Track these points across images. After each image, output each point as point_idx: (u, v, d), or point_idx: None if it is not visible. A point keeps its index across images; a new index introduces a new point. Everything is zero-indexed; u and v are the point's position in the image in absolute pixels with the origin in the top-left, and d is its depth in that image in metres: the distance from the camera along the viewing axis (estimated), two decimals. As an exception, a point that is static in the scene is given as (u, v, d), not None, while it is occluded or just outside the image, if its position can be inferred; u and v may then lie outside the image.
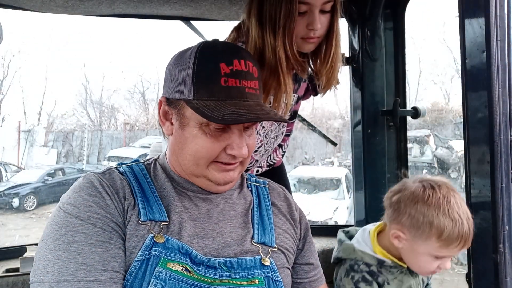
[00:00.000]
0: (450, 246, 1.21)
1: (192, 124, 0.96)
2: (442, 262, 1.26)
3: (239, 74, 0.95)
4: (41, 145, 20.48)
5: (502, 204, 1.06)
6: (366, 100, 2.06)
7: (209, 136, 0.96)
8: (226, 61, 0.95)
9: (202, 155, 0.97)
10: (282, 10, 1.31)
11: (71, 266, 0.84)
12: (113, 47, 29.28)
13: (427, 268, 1.28)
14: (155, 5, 1.94)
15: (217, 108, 0.92)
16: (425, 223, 1.21)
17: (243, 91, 0.95)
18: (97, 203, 0.92)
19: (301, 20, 1.35)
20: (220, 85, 0.93)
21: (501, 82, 1.05)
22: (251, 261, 1.00)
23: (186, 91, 0.95)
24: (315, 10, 1.33)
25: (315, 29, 1.35)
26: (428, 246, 1.23)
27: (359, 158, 2.09)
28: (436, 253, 1.24)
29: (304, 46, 1.41)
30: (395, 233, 1.29)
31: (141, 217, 0.94)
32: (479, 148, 1.14)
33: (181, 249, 0.93)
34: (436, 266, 1.26)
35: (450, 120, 14.04)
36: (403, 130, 2.06)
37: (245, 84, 0.96)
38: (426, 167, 9.64)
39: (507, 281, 1.07)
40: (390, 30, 2.05)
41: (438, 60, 21.57)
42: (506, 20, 1.05)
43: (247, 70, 0.97)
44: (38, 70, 31.19)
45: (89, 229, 0.88)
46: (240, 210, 1.08)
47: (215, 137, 0.96)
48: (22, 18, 26.12)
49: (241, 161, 1.02)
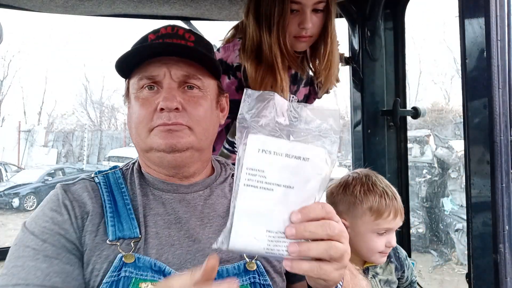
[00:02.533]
0: (382, 217, 1.34)
1: (131, 97, 0.97)
2: (387, 239, 1.37)
3: (165, 36, 0.97)
4: (41, 145, 20.48)
5: (502, 204, 1.06)
6: (366, 100, 2.06)
7: (141, 100, 0.94)
8: (155, 30, 0.99)
9: (140, 120, 0.93)
10: (276, 8, 1.37)
11: (13, 281, 0.81)
12: (113, 47, 29.34)
13: (376, 247, 1.37)
14: (155, 5, 1.94)
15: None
16: (356, 202, 1.37)
17: (166, 43, 0.96)
18: (54, 218, 0.89)
19: (294, 18, 1.39)
20: (146, 43, 0.97)
21: (501, 82, 1.05)
22: (234, 268, 0.92)
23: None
24: (307, 9, 1.38)
25: (306, 27, 1.39)
26: (365, 224, 1.36)
27: (359, 158, 2.09)
28: (375, 227, 1.36)
29: (297, 45, 1.45)
30: None
31: (109, 236, 0.88)
32: (479, 148, 1.14)
33: (154, 266, 0.87)
34: (383, 244, 1.36)
35: (450, 120, 14.03)
36: (403, 130, 2.07)
37: (168, 41, 0.97)
38: (426, 167, 9.64)
39: (507, 281, 1.07)
40: (390, 30, 2.05)
41: (438, 60, 21.58)
42: (506, 20, 1.05)
43: (175, 32, 0.98)
44: (38, 70, 31.27)
45: (38, 244, 0.85)
46: (221, 210, 0.99)
47: (147, 98, 0.93)
48: (22, 18, 26.14)
49: (189, 126, 0.92)
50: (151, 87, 0.93)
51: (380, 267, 1.48)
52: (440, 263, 7.37)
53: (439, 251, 7.60)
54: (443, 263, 7.40)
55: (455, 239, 7.32)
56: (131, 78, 0.97)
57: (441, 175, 8.88)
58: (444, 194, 8.50)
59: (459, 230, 7.19)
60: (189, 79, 0.94)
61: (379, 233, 1.37)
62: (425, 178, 9.30)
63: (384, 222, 1.35)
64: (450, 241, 7.54)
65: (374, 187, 1.38)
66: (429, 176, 9.46)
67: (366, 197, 1.36)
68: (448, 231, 7.66)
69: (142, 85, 0.94)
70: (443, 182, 8.63)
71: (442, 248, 7.68)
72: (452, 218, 7.65)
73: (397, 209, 1.37)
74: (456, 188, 8.20)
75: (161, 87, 0.93)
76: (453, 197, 8.14)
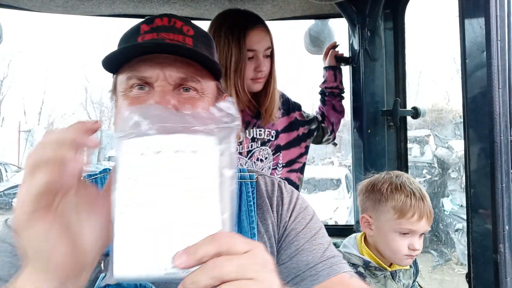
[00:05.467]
0: (406, 216, 1.33)
1: (118, 95, 0.84)
2: (411, 242, 1.35)
3: (159, 28, 0.83)
4: (41, 145, 20.44)
5: (502, 204, 1.06)
6: (366, 100, 2.05)
7: (130, 100, 0.81)
8: (148, 20, 0.84)
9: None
10: (233, 57, 1.56)
11: None
12: (113, 47, 29.20)
13: (399, 250, 1.35)
14: (155, 5, 1.94)
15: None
16: (382, 199, 1.38)
17: (160, 41, 0.81)
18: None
19: (249, 64, 1.60)
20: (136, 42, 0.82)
21: (501, 82, 1.05)
22: None
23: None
24: (260, 55, 1.61)
25: (262, 70, 1.62)
26: (388, 222, 1.35)
27: (359, 158, 2.09)
28: (397, 226, 1.34)
29: (254, 86, 1.66)
30: (363, 218, 1.43)
31: None
32: (479, 148, 1.14)
33: (139, 286, 0.79)
34: (406, 246, 1.35)
35: (450, 120, 14.02)
36: (403, 130, 2.07)
37: (165, 36, 0.82)
38: (426, 167, 9.64)
39: (507, 281, 1.06)
40: (390, 30, 2.05)
41: (438, 60, 21.57)
42: (506, 20, 1.05)
43: (172, 25, 0.83)
44: (38, 70, 31.23)
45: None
46: None
47: (137, 98, 0.80)
48: (22, 18, 26.11)
49: None
50: (142, 87, 0.81)
51: (402, 271, 1.46)
52: (440, 263, 7.37)
53: (439, 251, 7.60)
54: (443, 263, 7.40)
55: (455, 239, 7.33)
56: (119, 74, 0.84)
57: (441, 175, 8.88)
58: (444, 194, 8.50)
59: (459, 230, 7.19)
60: (186, 82, 0.82)
61: (401, 233, 1.35)
62: (425, 178, 9.31)
63: (407, 222, 1.34)
64: (450, 241, 7.55)
65: (402, 186, 1.38)
66: (429, 176, 9.47)
67: (392, 195, 1.36)
68: (448, 231, 7.66)
69: (131, 85, 0.81)
70: (443, 182, 8.64)
71: (442, 248, 7.68)
72: (452, 218, 7.65)
73: (423, 212, 1.35)
74: (456, 188, 8.20)
75: (153, 89, 0.80)
76: (453, 197, 8.15)
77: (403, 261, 1.38)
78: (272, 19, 2.14)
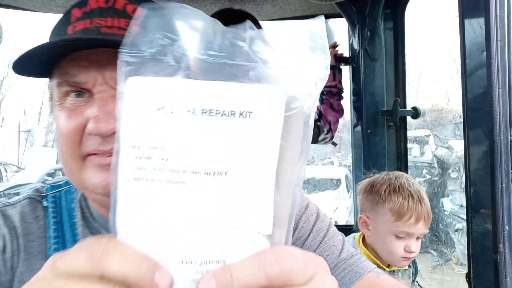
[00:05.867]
0: (403, 219, 1.32)
1: (54, 106, 0.65)
2: (407, 244, 1.34)
3: (93, 12, 0.62)
4: (41, 145, 20.49)
5: (502, 204, 1.06)
6: (366, 100, 2.06)
7: (67, 111, 0.61)
8: (80, 3, 0.64)
9: (64, 141, 0.61)
10: None
11: None
12: (113, 47, 29.19)
13: (395, 253, 1.35)
14: (155, 5, 1.94)
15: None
16: (379, 201, 1.37)
17: (95, 30, 0.60)
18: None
19: None
20: (66, 35, 0.63)
21: (501, 82, 1.05)
22: None
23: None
24: None
25: None
26: (385, 224, 1.35)
27: (359, 158, 2.10)
28: (394, 228, 1.33)
29: None
30: (361, 218, 1.43)
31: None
32: (479, 148, 1.14)
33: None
34: (402, 248, 1.34)
35: (450, 120, 14.03)
36: (403, 130, 2.07)
37: (101, 23, 0.61)
38: (426, 167, 9.64)
39: (507, 281, 1.06)
40: (390, 30, 2.05)
41: (438, 60, 21.58)
42: (506, 20, 1.05)
43: (110, 5, 0.62)
44: (38, 70, 31.17)
45: None
46: None
47: (74, 110, 0.61)
48: (22, 18, 26.12)
49: None
50: (79, 93, 0.61)
51: (400, 271, 1.47)
52: (440, 263, 7.37)
53: (439, 251, 7.60)
54: (443, 263, 7.40)
55: (455, 239, 7.33)
56: (51, 79, 0.66)
57: (441, 175, 8.88)
58: (444, 194, 8.50)
59: (459, 230, 7.19)
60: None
61: (398, 236, 1.34)
62: (425, 178, 9.31)
63: (404, 225, 1.33)
64: (450, 241, 7.55)
65: (400, 188, 1.37)
66: (429, 176, 9.47)
67: (390, 197, 1.36)
68: (448, 231, 7.66)
69: (64, 92, 0.62)
70: (443, 182, 8.64)
71: (442, 248, 7.68)
72: (452, 218, 7.65)
73: (420, 214, 1.34)
74: (456, 188, 8.21)
75: (93, 95, 0.61)
76: (453, 197, 8.15)
77: (399, 262, 1.38)
78: (272, 19, 2.14)
